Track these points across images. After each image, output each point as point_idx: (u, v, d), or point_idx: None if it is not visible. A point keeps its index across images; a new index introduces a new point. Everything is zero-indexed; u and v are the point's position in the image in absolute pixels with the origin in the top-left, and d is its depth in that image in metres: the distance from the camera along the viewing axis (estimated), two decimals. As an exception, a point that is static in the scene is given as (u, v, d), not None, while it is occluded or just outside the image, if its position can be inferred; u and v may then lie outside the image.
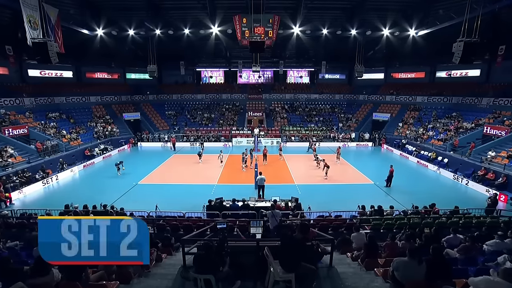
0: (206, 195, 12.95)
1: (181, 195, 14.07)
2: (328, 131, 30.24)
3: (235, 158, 21.79)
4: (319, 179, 16.75)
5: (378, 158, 23.51)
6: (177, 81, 36.96)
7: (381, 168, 19.61)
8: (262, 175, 13.25)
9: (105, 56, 29.58)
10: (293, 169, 19.06)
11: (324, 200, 13.15)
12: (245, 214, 9.72)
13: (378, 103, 32.57)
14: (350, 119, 32.34)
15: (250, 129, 30.61)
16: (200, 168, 19.51)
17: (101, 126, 27.09)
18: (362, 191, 14.75)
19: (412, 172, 18.92)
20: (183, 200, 13.02)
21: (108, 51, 27.53)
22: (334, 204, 11.87)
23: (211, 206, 10.60)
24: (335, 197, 13.75)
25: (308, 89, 37.03)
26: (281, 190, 14.14)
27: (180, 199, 13.24)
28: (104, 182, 16.45)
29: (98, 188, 15.20)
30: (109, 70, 32.60)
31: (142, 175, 17.47)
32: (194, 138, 28.57)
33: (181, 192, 14.56)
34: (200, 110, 34.11)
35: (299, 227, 4.16)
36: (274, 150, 25.27)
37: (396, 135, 27.53)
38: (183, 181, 16.54)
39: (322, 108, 34.46)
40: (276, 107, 34.88)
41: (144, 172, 17.89)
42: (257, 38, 19.71)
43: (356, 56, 25.10)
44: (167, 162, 21.15)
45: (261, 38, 20.65)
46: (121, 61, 32.32)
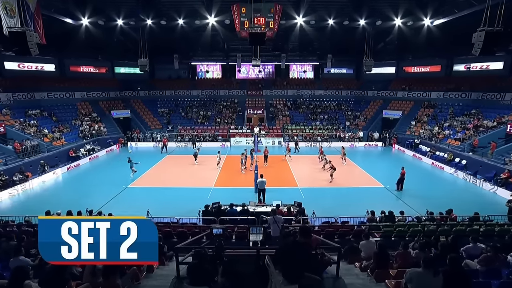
0: (202, 199, 12.94)
1: (175, 199, 14.02)
2: (334, 130, 30.23)
3: (234, 159, 21.72)
4: (324, 182, 16.71)
5: (389, 160, 23.45)
6: (170, 76, 36.95)
7: (392, 170, 19.52)
8: (263, 178, 13.19)
9: (91, 48, 29.42)
10: (296, 171, 19.02)
11: (329, 205, 13.11)
12: (244, 220, 9.68)
13: (388, 99, 32.53)
14: (358, 117, 32.31)
15: (250, 128, 30.60)
16: (196, 170, 19.47)
17: (87, 124, 27.05)
18: (371, 195, 14.69)
19: (426, 175, 18.87)
20: (177, 205, 12.97)
21: (94, 42, 27.19)
22: (340, 209, 11.82)
23: (208, 211, 10.57)
24: (341, 202, 13.71)
25: (313, 84, 37.01)
26: (283, 193, 14.10)
27: (173, 204, 13.20)
28: (90, 185, 16.39)
29: (83, 192, 15.14)
30: (96, 63, 32.53)
31: (133, 177, 17.43)
32: (189, 137, 28.56)
33: (175, 196, 14.52)
34: (195, 107, 34.09)
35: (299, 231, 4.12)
36: (275, 150, 25.24)
37: (408, 134, 27.49)
38: (177, 184, 16.49)
39: (328, 105, 34.44)
40: (278, 104, 34.86)
41: (135, 175, 17.87)
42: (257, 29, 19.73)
43: (364, 49, 25.01)
44: (159, 164, 21.11)
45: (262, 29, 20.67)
46: (109, 54, 32.24)
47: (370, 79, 34.20)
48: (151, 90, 34.46)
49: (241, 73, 38.41)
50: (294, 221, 9.34)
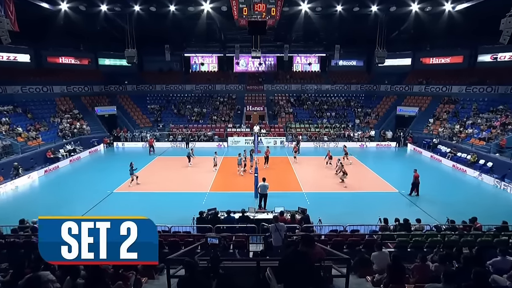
0: (196, 205, 12.87)
1: (166, 205, 13.98)
2: (343, 128, 30.21)
3: (231, 161, 21.66)
4: (331, 187, 16.67)
5: (404, 162, 23.41)
6: (161, 69, 36.95)
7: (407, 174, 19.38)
8: (266, 181, 13.18)
9: (71, 37, 29.26)
10: (301, 174, 18.97)
11: (337, 211, 13.07)
12: (243, 228, 9.64)
13: (403, 94, 32.51)
14: (369, 114, 32.29)
15: (249, 126, 30.58)
16: (189, 173, 19.43)
17: (68, 122, 26.98)
18: (384, 201, 14.65)
19: (446, 179, 18.81)
20: (168, 212, 12.93)
21: (75, 30, 26.99)
22: (350, 217, 11.76)
23: (202, 218, 10.53)
24: (351, 208, 13.66)
25: (319, 78, 37.00)
26: (286, 199, 14.03)
27: (164, 211, 13.16)
28: (71, 191, 16.31)
29: (63, 198, 15.05)
30: (77, 54, 32.46)
31: (119, 181, 17.37)
32: (182, 137, 28.53)
33: (166, 202, 14.48)
34: (189, 103, 34.07)
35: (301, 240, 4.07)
36: (277, 151, 25.21)
37: (425, 133, 27.46)
38: (168, 188, 16.45)
39: (335, 102, 34.43)
40: (280, 100, 34.84)
41: (121, 178, 17.77)
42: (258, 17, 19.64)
43: (377, 38, 24.93)
44: (149, 166, 21.08)
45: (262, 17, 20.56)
46: (92, 44, 32.12)
47: (383, 72, 34.19)
48: (139, 85, 34.46)
49: (240, 65, 38.41)
50: (298, 229, 9.30)
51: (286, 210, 11.00)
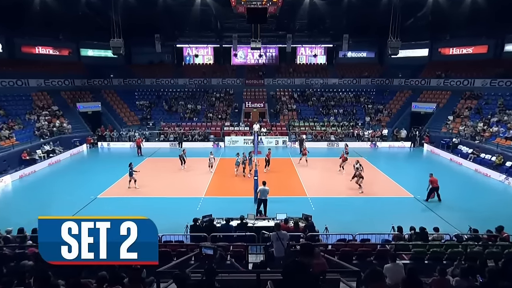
0: (189, 211, 12.86)
1: (155, 212, 13.87)
2: (351, 127, 30.22)
3: (228, 162, 21.63)
4: (339, 191, 16.66)
5: (419, 163, 23.40)
6: (151, 61, 36.95)
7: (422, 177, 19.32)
8: (266, 185, 13.17)
9: (50, 24, 28.77)
10: (305, 177, 18.95)
11: (346, 218, 13.06)
12: (242, 237, 9.62)
13: (419, 89, 32.52)
14: (381, 111, 32.29)
15: (248, 125, 30.57)
16: (182, 176, 19.42)
17: (46, 120, 26.93)
18: (397, 207, 14.63)
19: (467, 183, 18.78)
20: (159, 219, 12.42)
21: (54, 17, 26.58)
22: (359, 224, 11.75)
23: (197, 226, 10.50)
24: (361, 215, 13.64)
25: (325, 71, 37.00)
26: (289, 204, 14.04)
27: (154, 218, 12.82)
28: (49, 196, 16.25)
29: (40, 204, 14.96)
30: (56, 43, 32.36)
31: (103, 186, 17.34)
32: (175, 136, 28.52)
33: (155, 208, 14.42)
34: (182, 99, 34.04)
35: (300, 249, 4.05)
36: (279, 152, 25.18)
37: (444, 132, 27.47)
38: (159, 193, 16.43)
39: (343, 97, 34.44)
40: (282, 96, 34.83)
41: (106, 182, 17.76)
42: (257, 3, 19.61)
43: (390, 27, 24.84)
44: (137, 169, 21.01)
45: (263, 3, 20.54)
46: (73, 32, 31.88)
47: (396, 64, 34.17)
48: (127, 78, 34.45)
49: (238, 58, 38.39)
50: (303, 238, 9.27)
51: (289, 217, 10.98)
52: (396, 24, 24.29)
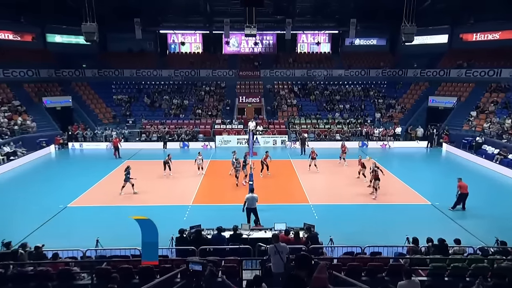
0: (175, 221, 12.81)
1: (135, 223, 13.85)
2: (359, 125, 30.29)
3: (220, 165, 21.52)
4: (346, 197, 16.62)
5: (438, 166, 23.48)
6: (130, 49, 36.79)
7: (441, 181, 19.41)
8: (254, 192, 13.26)
9: (9, 5, 28.40)
10: (307, 181, 18.94)
11: (353, 228, 13.04)
12: (235, 250, 9.57)
13: (437, 81, 32.67)
14: (393, 107, 32.40)
15: (242, 122, 30.53)
16: (167, 181, 19.31)
17: (5, 117, 26.67)
18: (413, 216, 14.62)
19: (493, 188, 18.74)
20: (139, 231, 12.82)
21: None
22: (369, 235, 11.74)
23: (183, 238, 10.44)
24: (371, 225, 13.61)
25: (329, 62, 37.10)
26: (289, 213, 14.02)
27: (134, 230, 12.72)
28: (9, 206, 15.91)
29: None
30: (17, 27, 31.84)
31: (75, 193, 17.14)
32: (158, 135, 28.38)
33: (136, 218, 14.38)
34: (166, 93, 33.93)
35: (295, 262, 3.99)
36: (277, 153, 25.13)
37: (466, 130, 27.57)
38: (139, 201, 16.30)
39: (350, 91, 34.54)
40: (281, 90, 34.84)
41: (78, 189, 17.60)
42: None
43: (403, 10, 24.88)
44: (115, 173, 20.88)
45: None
46: (38, 15, 31.37)
47: (411, 53, 34.33)
48: (102, 69, 34.29)
49: (230, 46, 38.35)
50: (305, 250, 9.22)
51: (288, 227, 10.92)
52: (411, 7, 24.26)
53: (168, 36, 38.34)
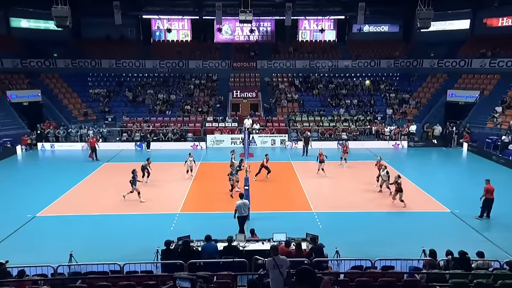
0: (161, 232, 12.78)
1: (116, 233, 13.80)
2: (368, 122, 30.37)
3: (211, 168, 21.50)
4: (354, 204, 16.60)
5: (458, 168, 23.57)
6: (109, 36, 36.73)
7: (462, 185, 19.46)
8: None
9: None
10: (310, 186, 18.97)
11: (362, 239, 13.05)
12: (229, 264, 9.57)
13: (457, 72, 32.79)
14: (407, 102, 32.51)
15: (237, 120, 30.53)
16: (151, 186, 19.22)
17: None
18: (430, 225, 14.60)
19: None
20: (120, 243, 12.82)
21: None
22: (380, 247, 11.78)
23: (170, 251, 10.43)
24: (382, 235, 13.61)
25: (335, 51, 37.19)
26: (290, 221, 14.03)
27: (114, 241, 13.01)
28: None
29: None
30: (-26, 10, 31.69)
31: (45, 200, 16.99)
32: (141, 135, 28.28)
33: (116, 228, 14.29)
34: (150, 87, 33.87)
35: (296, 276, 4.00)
36: (276, 155, 25.13)
37: (490, 127, 27.65)
38: (120, 209, 16.21)
39: (358, 84, 34.61)
40: (281, 83, 34.89)
41: (49, 196, 17.50)
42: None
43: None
44: (92, 177, 20.85)
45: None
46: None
47: (427, 41, 34.51)
48: (76, 59, 34.16)
49: (223, 33, 38.34)
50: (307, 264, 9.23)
51: (289, 238, 10.93)
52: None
53: (152, 22, 38.24)
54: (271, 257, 7.80)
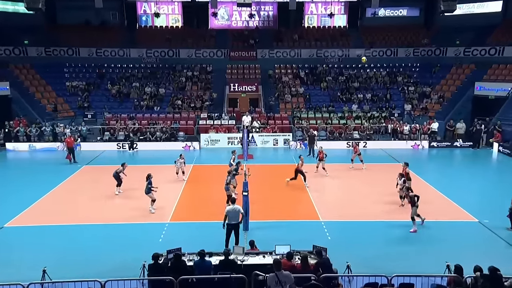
0: (148, 244, 12.77)
1: (97, 246, 13.71)
2: (384, 119, 30.36)
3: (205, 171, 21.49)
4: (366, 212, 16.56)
5: (487, 172, 23.50)
6: (88, 22, 36.81)
7: (492, 191, 19.36)
8: (236, 203, 13.31)
9: None
10: (317, 192, 18.95)
11: (377, 252, 13.04)
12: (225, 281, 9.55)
13: (486, 62, 32.73)
14: (428, 96, 32.52)
15: (234, 117, 30.58)
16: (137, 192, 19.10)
17: None
18: (454, 237, 14.53)
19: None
20: (102, 257, 12.74)
21: None
22: (397, 262, 11.80)
23: (159, 266, 10.41)
24: (399, 248, 13.63)
25: (346, 39, 37.27)
26: (294, 232, 14.04)
27: (95, 255, 12.91)
28: None
29: None
30: None
31: (14, 209, 16.87)
32: (126, 134, 28.26)
33: (96, 240, 14.21)
34: (136, 79, 33.90)
35: None
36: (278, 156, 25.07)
37: (524, 125, 27.54)
38: (101, 219, 16.14)
39: (373, 76, 34.72)
40: (284, 75, 34.93)
41: (19, 204, 17.44)
42: None
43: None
44: (68, 182, 20.85)
45: None
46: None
47: (452, 26, 34.47)
48: (50, 47, 34.19)
49: (218, 18, 38.36)
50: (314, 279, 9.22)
51: (294, 251, 10.90)
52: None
53: (137, 5, 38.25)
54: (273, 272, 7.80)
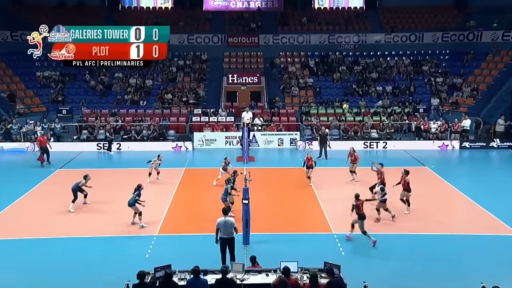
0: (133, 261, 12.88)
1: (73, 263, 13.73)
2: (407, 116, 30.34)
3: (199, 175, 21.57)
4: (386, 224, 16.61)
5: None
6: (63, 2, 36.99)
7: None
8: (231, 213, 13.62)
9: None
10: (329, 201, 18.95)
11: (398, 270, 13.07)
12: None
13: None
14: (459, 89, 32.47)
15: (233, 113, 30.69)
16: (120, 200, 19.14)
17: None
18: (490, 253, 14.48)
19: None
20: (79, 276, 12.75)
21: None
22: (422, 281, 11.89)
23: (145, 285, 10.46)
24: (425, 266, 13.56)
25: (363, 22, 37.31)
26: (302, 246, 14.09)
27: (70, 274, 12.96)
28: None
29: None
30: None
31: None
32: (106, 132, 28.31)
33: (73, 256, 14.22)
34: (119, 69, 33.93)
35: None
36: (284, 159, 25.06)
37: None
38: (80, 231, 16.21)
39: (394, 65, 34.68)
40: (290, 65, 35.00)
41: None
42: None
43: None
44: (40, 188, 20.96)
45: None
46: None
47: (487, 7, 34.40)
48: (18, 31, 34.32)
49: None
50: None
51: (302, 268, 10.98)
52: None
53: (121, -17, 38.40)
54: (278, 292, 7.86)
